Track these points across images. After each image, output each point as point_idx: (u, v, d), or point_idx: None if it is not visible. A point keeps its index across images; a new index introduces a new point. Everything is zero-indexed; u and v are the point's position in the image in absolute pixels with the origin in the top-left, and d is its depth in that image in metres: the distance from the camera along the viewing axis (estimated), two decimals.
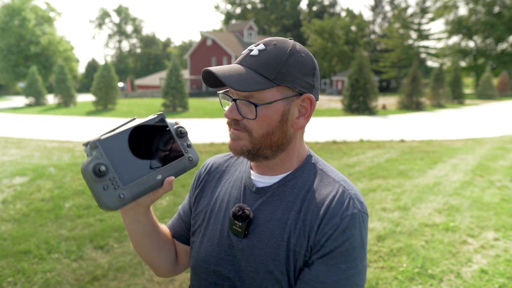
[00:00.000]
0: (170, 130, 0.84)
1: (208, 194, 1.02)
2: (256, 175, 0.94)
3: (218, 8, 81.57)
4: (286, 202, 0.87)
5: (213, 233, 0.94)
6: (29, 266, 3.24)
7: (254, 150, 0.86)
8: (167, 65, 51.53)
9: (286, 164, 0.91)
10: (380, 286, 2.94)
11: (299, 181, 0.89)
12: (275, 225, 0.85)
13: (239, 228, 0.88)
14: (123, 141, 0.77)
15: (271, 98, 0.82)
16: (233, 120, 0.85)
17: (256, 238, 0.87)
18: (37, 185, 5.65)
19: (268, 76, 0.81)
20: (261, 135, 0.84)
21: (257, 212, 0.88)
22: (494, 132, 12.20)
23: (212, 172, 1.05)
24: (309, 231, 0.82)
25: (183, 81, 20.81)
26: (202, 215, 0.99)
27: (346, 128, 13.32)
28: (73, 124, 15.11)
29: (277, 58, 0.82)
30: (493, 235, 3.87)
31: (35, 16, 45.37)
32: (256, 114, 0.82)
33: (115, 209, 0.74)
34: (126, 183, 0.75)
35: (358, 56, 19.65)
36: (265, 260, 0.84)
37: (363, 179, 6.05)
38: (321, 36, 49.10)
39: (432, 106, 24.44)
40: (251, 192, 0.92)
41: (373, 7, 57.45)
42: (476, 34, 46.97)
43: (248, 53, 0.84)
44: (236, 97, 0.84)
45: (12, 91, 51.98)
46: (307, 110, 0.87)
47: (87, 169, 0.71)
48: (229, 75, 0.80)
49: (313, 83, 0.86)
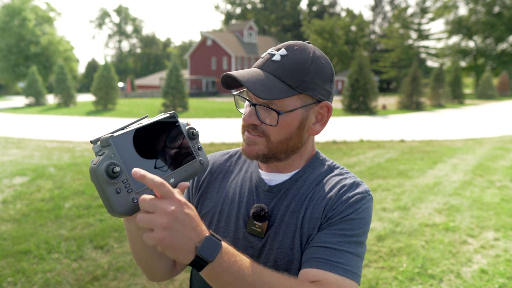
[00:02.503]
0: (182, 130, 0.78)
1: (213, 195, 0.99)
2: (265, 173, 0.94)
3: (218, 8, 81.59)
4: (299, 195, 0.89)
5: (225, 235, 0.93)
6: (29, 266, 3.24)
7: (269, 154, 0.86)
8: (167, 65, 51.53)
9: (296, 163, 0.93)
10: (380, 286, 2.94)
11: (310, 176, 0.92)
12: (289, 217, 0.87)
13: (258, 229, 0.88)
14: (135, 140, 0.70)
15: (292, 106, 0.82)
16: (252, 125, 0.85)
17: (273, 233, 0.88)
18: (37, 185, 5.65)
19: (291, 84, 0.81)
20: (279, 141, 0.85)
21: (274, 210, 0.89)
22: (494, 132, 12.20)
23: (214, 172, 1.02)
24: (321, 213, 0.85)
25: (183, 81, 20.82)
26: (209, 217, 0.97)
27: (346, 128, 13.32)
28: (73, 124, 15.11)
29: (300, 66, 0.81)
30: (493, 235, 3.87)
31: (35, 16, 45.35)
32: (278, 121, 0.82)
33: (127, 215, 0.66)
34: (140, 186, 0.67)
35: (358, 56, 19.66)
36: (284, 251, 0.86)
37: (363, 179, 6.05)
38: (321, 36, 49.10)
39: (432, 106, 24.43)
40: (264, 191, 0.92)
41: (373, 7, 57.43)
42: (476, 34, 46.95)
43: (270, 58, 0.83)
44: (256, 102, 0.83)
45: (12, 91, 51.97)
46: (323, 116, 0.89)
47: (98, 169, 0.63)
48: (253, 82, 0.79)
49: (330, 90, 0.87)
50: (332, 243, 0.80)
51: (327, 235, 0.81)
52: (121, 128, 0.70)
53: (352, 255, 0.80)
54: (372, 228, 4.02)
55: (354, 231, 0.81)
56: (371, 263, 3.29)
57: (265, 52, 0.87)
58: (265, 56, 0.85)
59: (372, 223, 4.18)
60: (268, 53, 0.85)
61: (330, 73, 0.86)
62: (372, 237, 3.79)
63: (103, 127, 14.12)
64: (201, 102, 27.91)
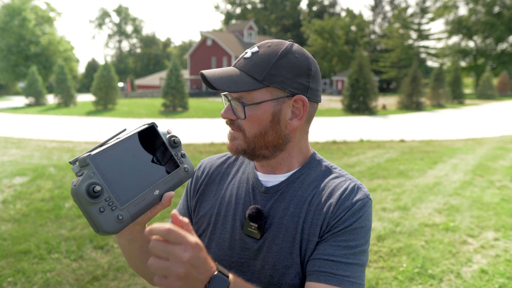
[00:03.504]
0: (163, 140, 0.77)
1: (211, 197, 0.99)
2: (262, 175, 0.94)
3: (218, 8, 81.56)
4: (297, 197, 0.89)
5: (222, 236, 0.93)
6: (29, 266, 3.24)
7: (249, 149, 0.87)
8: (167, 65, 51.54)
9: (289, 163, 0.92)
10: (380, 286, 2.94)
11: (307, 177, 0.91)
12: (288, 220, 0.87)
13: (255, 230, 0.88)
14: (115, 156, 0.69)
15: (260, 98, 0.84)
16: (229, 120, 0.88)
17: (271, 236, 0.87)
18: (37, 185, 5.65)
19: (257, 77, 0.83)
20: (254, 135, 0.86)
21: (271, 211, 0.89)
22: (494, 132, 12.20)
23: (211, 174, 1.03)
24: (322, 219, 0.85)
25: (183, 81, 20.81)
26: (207, 219, 0.97)
27: (346, 128, 13.32)
28: (73, 124, 15.11)
29: (268, 60, 0.83)
30: (493, 235, 3.87)
31: (35, 16, 45.34)
32: (245, 113, 0.84)
33: (114, 233, 0.66)
34: (124, 202, 0.67)
35: (358, 56, 19.66)
36: (283, 255, 0.86)
37: (363, 179, 6.05)
38: (321, 36, 49.08)
39: (432, 106, 24.43)
40: (261, 193, 0.92)
41: (373, 7, 57.42)
42: (476, 34, 46.94)
43: (244, 56, 0.87)
44: (230, 98, 0.87)
45: (12, 91, 51.96)
46: (300, 111, 0.87)
47: (79, 190, 0.63)
48: (218, 77, 0.83)
49: (307, 84, 0.86)
50: (338, 256, 0.81)
51: (333, 247, 0.82)
52: (100, 145, 0.70)
53: (357, 266, 0.82)
54: (372, 228, 4.02)
55: (358, 241, 0.83)
56: (371, 263, 3.29)
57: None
58: (242, 55, 0.89)
59: (372, 223, 4.17)
60: (244, 52, 0.89)
61: (306, 67, 0.85)
62: (372, 237, 3.79)
63: (103, 127, 14.13)
64: (201, 102, 27.91)
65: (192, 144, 9.61)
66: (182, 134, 11.92)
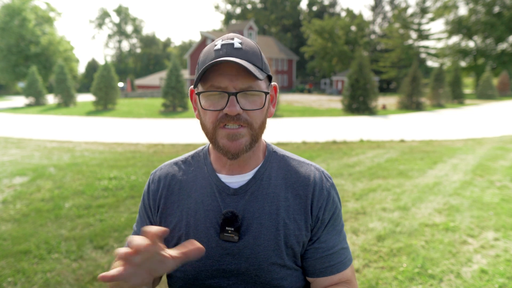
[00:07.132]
0: None
1: (174, 209, 0.93)
2: (225, 176, 0.91)
3: (218, 8, 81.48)
4: (269, 195, 0.89)
5: None
6: (29, 266, 3.24)
7: (253, 144, 0.86)
8: (167, 65, 51.50)
9: (255, 156, 0.92)
10: (380, 286, 2.94)
11: (272, 172, 0.92)
12: (267, 219, 0.87)
13: (231, 234, 0.86)
14: None
15: (264, 87, 0.86)
16: (237, 116, 0.81)
17: (252, 237, 0.87)
18: (37, 185, 5.65)
19: (260, 66, 0.84)
20: (259, 125, 0.86)
21: (245, 212, 0.88)
22: (494, 132, 12.20)
23: (168, 185, 0.96)
24: (304, 211, 0.89)
25: (183, 81, 20.82)
26: (177, 233, 0.91)
27: (346, 128, 13.32)
28: (73, 124, 15.11)
29: (255, 50, 0.86)
30: (493, 235, 3.87)
31: (35, 16, 45.33)
32: (265, 102, 0.85)
33: None
34: None
35: (358, 56, 19.65)
36: (267, 253, 0.86)
37: (363, 179, 6.05)
38: (321, 36, 49.07)
39: (432, 106, 24.43)
40: (229, 195, 0.89)
41: (373, 7, 57.42)
42: (476, 34, 46.93)
43: (231, 46, 0.82)
44: (235, 90, 0.80)
45: (12, 91, 51.95)
46: (273, 98, 0.92)
47: None
48: (244, 67, 0.78)
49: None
50: (335, 246, 0.92)
51: (328, 240, 0.92)
52: None
53: (345, 241, 0.96)
54: (372, 228, 4.03)
55: (341, 221, 0.95)
56: (371, 263, 3.29)
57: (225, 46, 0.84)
58: (224, 45, 0.83)
59: (372, 223, 4.18)
60: (224, 43, 0.83)
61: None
62: (372, 237, 3.79)
63: (103, 127, 14.12)
64: None
65: (192, 144, 9.61)
66: (182, 134, 11.92)
